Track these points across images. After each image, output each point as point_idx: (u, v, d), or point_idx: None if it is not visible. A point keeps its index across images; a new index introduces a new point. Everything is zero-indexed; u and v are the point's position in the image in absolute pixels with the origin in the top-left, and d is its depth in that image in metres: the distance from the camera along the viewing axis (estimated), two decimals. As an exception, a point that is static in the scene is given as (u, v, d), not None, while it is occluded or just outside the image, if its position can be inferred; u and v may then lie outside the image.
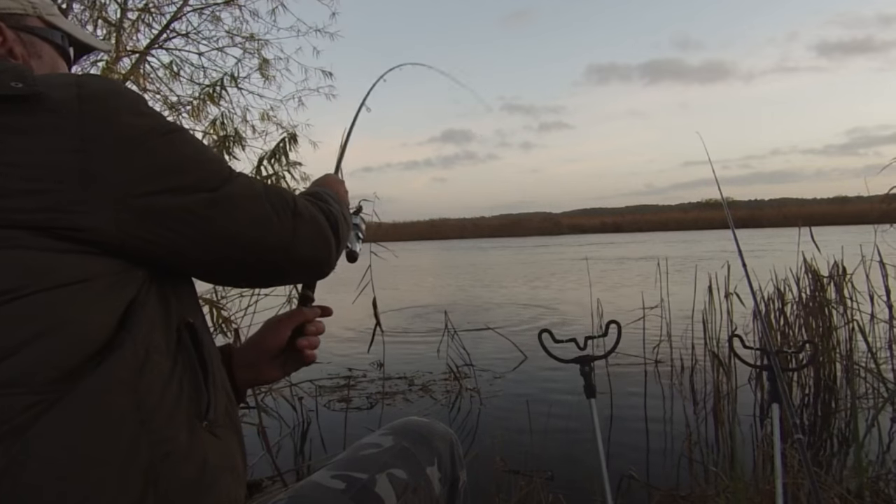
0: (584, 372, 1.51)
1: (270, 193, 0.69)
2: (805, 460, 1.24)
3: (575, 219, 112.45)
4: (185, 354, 0.62)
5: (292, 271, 0.76)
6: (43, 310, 0.52)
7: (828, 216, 40.89)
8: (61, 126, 0.55)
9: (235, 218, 0.64)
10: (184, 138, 0.64)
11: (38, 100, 0.55)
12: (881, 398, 3.05)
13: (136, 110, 0.60)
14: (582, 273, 12.35)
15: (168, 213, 0.60)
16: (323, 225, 0.74)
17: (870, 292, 3.51)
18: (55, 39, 0.78)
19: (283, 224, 0.68)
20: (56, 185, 0.53)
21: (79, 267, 0.55)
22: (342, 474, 0.82)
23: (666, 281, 4.38)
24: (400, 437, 0.92)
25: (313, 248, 0.72)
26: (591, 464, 1.81)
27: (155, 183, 0.59)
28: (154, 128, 0.61)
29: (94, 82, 0.59)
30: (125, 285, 0.58)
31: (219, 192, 0.63)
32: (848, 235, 5.33)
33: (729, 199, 3.05)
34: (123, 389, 0.54)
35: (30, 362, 0.50)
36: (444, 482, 0.92)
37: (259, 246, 0.67)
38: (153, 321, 0.59)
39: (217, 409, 0.63)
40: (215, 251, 0.65)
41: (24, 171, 0.53)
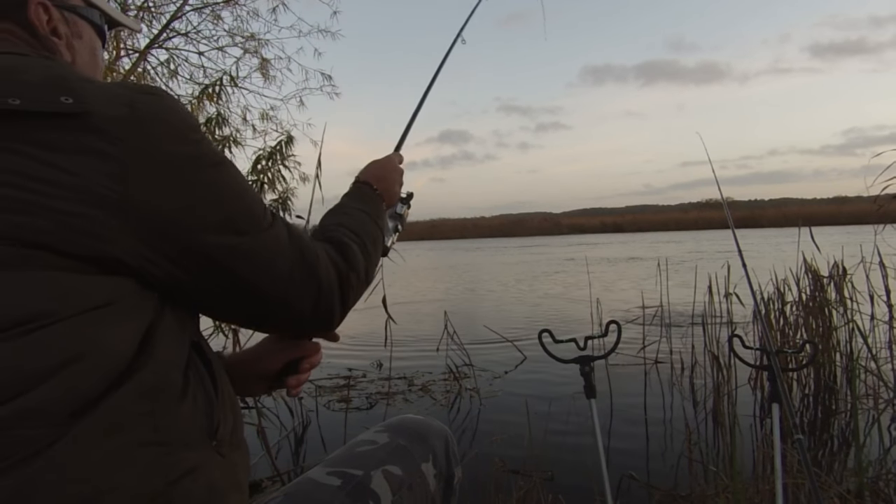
0: (584, 372, 1.51)
1: (294, 249, 0.67)
2: (805, 460, 1.24)
3: (575, 219, 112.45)
4: (197, 373, 0.61)
5: (293, 331, 0.78)
6: (70, 336, 0.50)
7: (827, 216, 40.89)
8: (104, 150, 0.53)
9: (253, 270, 0.63)
10: (225, 174, 0.62)
11: (86, 118, 0.53)
12: (881, 399, 3.04)
13: (183, 138, 0.59)
14: (582, 273, 12.36)
15: (190, 252, 0.58)
16: (333, 294, 0.71)
17: (870, 292, 3.51)
18: (94, 19, 0.77)
19: (299, 288, 0.67)
20: (88, 209, 0.52)
21: (103, 289, 0.53)
22: (337, 471, 0.83)
23: (666, 281, 4.38)
24: (395, 434, 0.92)
25: (321, 316, 0.71)
26: (591, 464, 1.81)
27: (186, 218, 0.57)
28: (198, 158, 0.59)
29: (146, 104, 0.57)
30: (146, 306, 0.57)
31: (245, 238, 0.62)
32: (848, 235, 5.33)
33: (729, 198, 3.05)
34: (142, 415, 0.53)
35: (52, 393, 0.49)
36: (440, 479, 0.92)
37: (267, 303, 0.66)
38: (170, 341, 0.59)
39: (226, 427, 0.62)
40: (224, 295, 0.63)
41: (58, 191, 0.51)
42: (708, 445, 2.76)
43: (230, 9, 4.60)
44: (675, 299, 4.44)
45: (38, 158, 0.51)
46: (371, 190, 0.94)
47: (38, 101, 0.52)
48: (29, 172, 0.51)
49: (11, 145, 0.51)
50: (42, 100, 0.53)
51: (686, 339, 4.18)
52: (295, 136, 3.36)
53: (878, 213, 2.89)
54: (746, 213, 68.46)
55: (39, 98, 0.53)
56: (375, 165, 1.00)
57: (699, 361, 3.88)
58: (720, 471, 2.24)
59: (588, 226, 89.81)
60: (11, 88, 0.52)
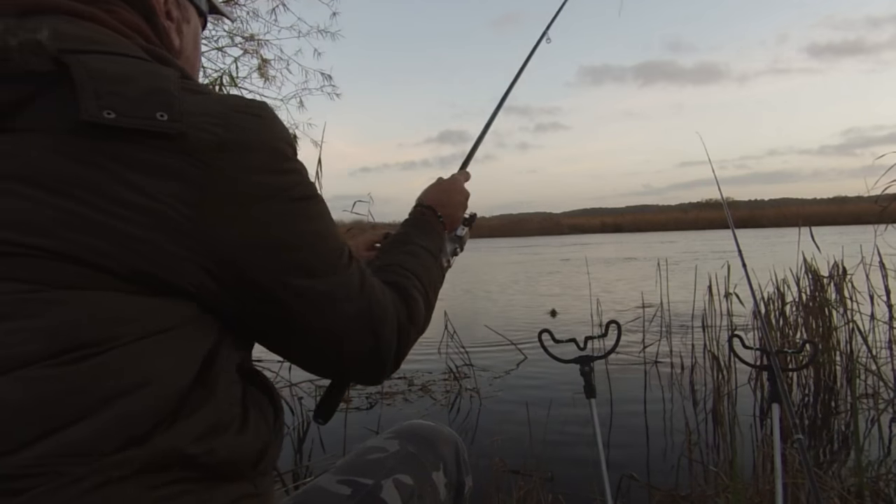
0: (584, 372, 1.51)
1: (364, 301, 0.64)
2: (805, 460, 1.24)
3: (575, 219, 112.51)
4: (255, 402, 0.58)
5: (340, 378, 0.78)
6: (127, 364, 0.48)
7: (827, 216, 40.91)
8: (188, 174, 0.50)
9: (315, 315, 0.60)
10: (309, 210, 0.59)
11: (177, 139, 0.50)
12: (881, 399, 3.04)
13: (272, 166, 0.56)
14: (577, 274, 12.36)
15: (255, 289, 0.56)
16: (389, 354, 0.68)
17: (870, 292, 3.51)
18: (200, 4, 0.76)
19: (356, 340, 0.64)
20: (157, 234, 0.49)
21: (163, 312, 0.51)
22: (347, 479, 0.81)
23: (666, 281, 4.38)
24: (406, 441, 0.91)
25: (371, 371, 0.69)
26: (591, 464, 1.81)
27: (256, 254, 0.54)
28: (283, 190, 0.56)
29: (241, 126, 0.54)
30: (205, 332, 0.54)
31: (316, 281, 0.59)
32: (848, 235, 5.33)
33: (729, 198, 3.05)
34: (197, 454, 0.50)
35: (103, 427, 0.46)
36: (450, 488, 0.91)
37: (320, 348, 0.64)
38: (229, 372, 0.56)
39: (270, 458, 0.60)
40: (278, 332, 0.61)
41: (131, 214, 0.48)
42: (708, 445, 2.76)
43: (230, 9, 4.60)
44: (675, 299, 4.44)
45: (119, 178, 0.48)
46: (435, 217, 0.91)
47: (133, 118, 0.49)
48: (107, 191, 0.48)
49: (99, 160, 0.48)
50: (137, 116, 0.50)
51: (686, 339, 4.18)
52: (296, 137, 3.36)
53: (880, 213, 2.90)
54: (746, 212, 68.53)
55: (135, 114, 0.50)
56: (440, 188, 0.97)
57: (699, 361, 3.88)
58: (720, 471, 2.24)
59: (588, 226, 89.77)
60: (111, 101, 0.49)
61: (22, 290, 0.46)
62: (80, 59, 0.51)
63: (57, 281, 0.47)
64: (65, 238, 0.47)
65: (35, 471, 0.43)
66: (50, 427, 0.44)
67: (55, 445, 0.44)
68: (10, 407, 0.44)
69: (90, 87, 0.49)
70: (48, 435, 0.44)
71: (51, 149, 0.48)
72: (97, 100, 0.49)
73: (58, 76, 0.50)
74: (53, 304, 0.46)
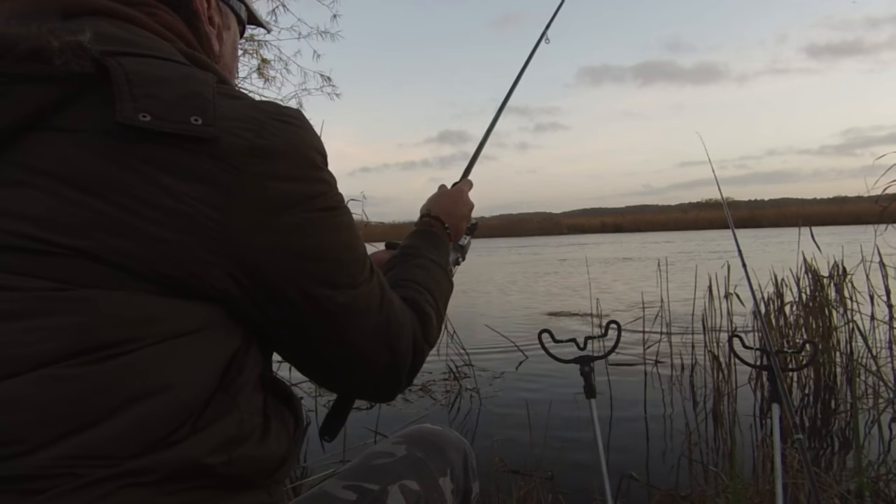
0: (584, 372, 1.51)
1: (383, 316, 0.64)
2: (805, 460, 1.24)
3: (575, 219, 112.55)
4: (277, 412, 0.58)
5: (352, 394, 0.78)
6: (148, 368, 0.48)
7: (827, 216, 40.93)
8: (218, 179, 0.51)
9: (330, 331, 0.60)
10: (336, 220, 0.59)
11: (210, 143, 0.51)
12: (881, 398, 3.04)
13: (302, 175, 0.56)
14: (574, 275, 12.36)
15: (279, 297, 0.56)
16: (403, 373, 0.69)
17: (870, 292, 3.51)
18: (240, 12, 0.77)
19: (372, 357, 0.65)
20: (184, 237, 0.49)
21: (187, 316, 0.51)
22: (353, 485, 0.80)
23: (666, 281, 4.38)
24: (413, 446, 0.90)
25: (385, 389, 0.70)
26: (591, 464, 1.81)
27: (279, 262, 0.54)
28: (311, 199, 0.56)
29: (275, 133, 0.54)
30: (228, 337, 0.54)
31: (337, 293, 0.59)
32: (848, 235, 5.33)
33: (729, 198, 3.05)
34: (216, 464, 0.50)
35: (123, 430, 0.46)
36: (457, 494, 0.90)
37: (335, 361, 0.64)
38: (252, 379, 0.55)
39: (286, 468, 0.59)
40: (295, 341, 0.61)
41: (160, 217, 0.48)
42: (708, 445, 2.76)
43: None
44: (675, 300, 4.44)
45: (151, 179, 0.49)
46: (442, 228, 0.92)
47: (167, 121, 0.49)
48: (138, 193, 0.48)
49: (132, 162, 0.49)
50: (171, 119, 0.50)
51: (686, 340, 4.17)
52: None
53: (881, 213, 2.90)
54: (746, 213, 68.55)
55: (169, 117, 0.50)
56: (446, 198, 0.97)
57: (699, 361, 3.88)
58: (720, 471, 2.24)
59: (588, 226, 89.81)
60: (147, 104, 0.50)
61: (47, 287, 0.47)
62: (119, 61, 0.51)
63: (84, 280, 0.47)
64: (94, 238, 0.47)
65: (51, 472, 0.43)
66: (68, 428, 0.44)
67: (73, 447, 0.44)
68: (27, 407, 0.44)
69: (127, 90, 0.50)
70: (66, 436, 0.44)
71: (86, 149, 0.49)
72: (133, 102, 0.49)
73: (97, 78, 0.50)
74: (78, 304, 0.47)
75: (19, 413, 0.44)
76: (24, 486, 0.43)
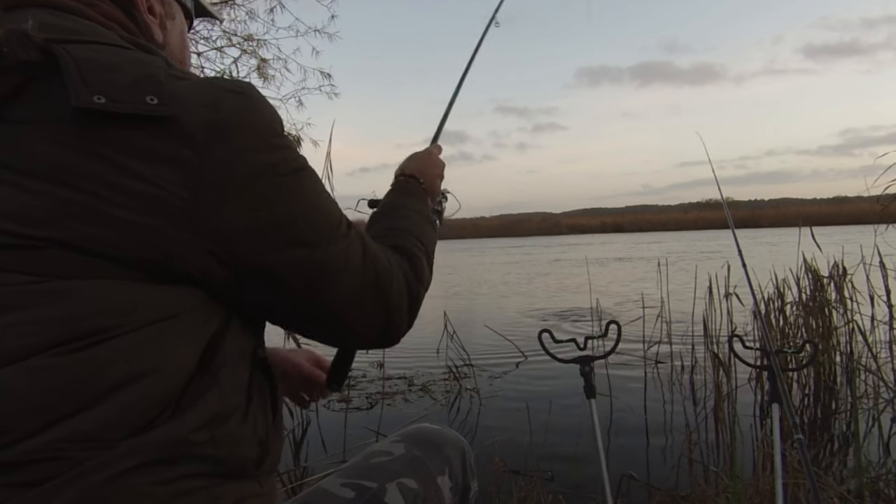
0: (584, 372, 1.51)
1: (368, 267, 0.64)
2: (805, 460, 1.24)
3: (575, 219, 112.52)
4: (259, 394, 0.58)
5: (356, 346, 0.79)
6: (130, 354, 0.48)
7: (827, 216, 40.93)
8: (182, 157, 0.51)
9: (318, 290, 0.60)
10: (302, 182, 0.60)
11: (169, 122, 0.51)
12: (881, 398, 3.04)
13: (262, 144, 0.56)
14: (582, 273, 12.36)
15: (258, 266, 0.56)
16: (402, 316, 0.70)
17: (870, 292, 3.51)
18: (186, 2, 0.77)
19: (367, 309, 0.65)
20: (156, 219, 0.50)
21: (165, 300, 0.51)
22: (352, 482, 0.81)
23: (666, 281, 4.38)
24: (411, 444, 0.90)
25: (388, 336, 0.70)
26: (591, 464, 1.81)
27: (256, 232, 0.55)
28: (275, 166, 0.57)
29: (230, 107, 0.55)
30: (208, 318, 0.55)
31: (317, 252, 0.59)
32: (848, 235, 5.33)
33: (728, 199, 3.04)
34: (200, 443, 0.51)
35: (108, 415, 0.46)
36: (455, 491, 0.90)
37: (332, 319, 0.64)
38: (234, 359, 0.56)
39: (274, 455, 0.60)
40: (288, 308, 0.61)
41: (129, 200, 0.49)
42: (708, 445, 2.76)
43: (228, 9, 4.59)
44: (675, 300, 4.44)
45: (116, 164, 0.49)
46: (418, 185, 0.92)
47: (123, 102, 0.50)
48: (104, 178, 0.48)
49: (88, 146, 0.49)
50: (126, 100, 0.50)
51: (686, 339, 4.17)
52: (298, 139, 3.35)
53: (881, 213, 2.89)
54: (746, 213, 68.54)
55: (124, 98, 0.50)
56: (418, 158, 0.98)
57: (699, 361, 3.88)
58: (720, 471, 2.24)
59: (588, 226, 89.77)
60: (100, 87, 0.50)
61: (26, 281, 0.47)
62: (66, 48, 0.52)
63: (60, 271, 0.47)
64: (67, 228, 0.48)
65: (45, 455, 0.44)
66: (59, 415, 0.45)
67: (65, 432, 0.45)
68: (17, 396, 0.45)
69: (78, 76, 0.50)
70: (57, 422, 0.45)
71: (47, 139, 0.49)
72: (86, 86, 0.49)
73: (47, 67, 0.51)
74: (59, 295, 0.47)
75: (10, 403, 0.45)
76: (16, 474, 0.44)
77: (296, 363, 0.95)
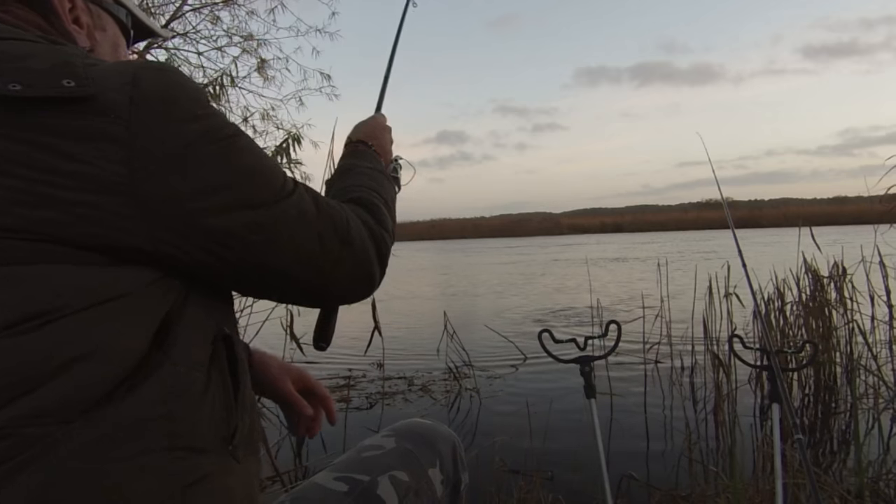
0: (584, 372, 1.51)
1: (323, 218, 0.64)
2: (805, 460, 1.24)
3: (575, 219, 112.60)
4: (219, 371, 0.58)
5: (334, 302, 0.76)
6: (78, 332, 0.48)
7: (828, 216, 40.93)
8: (109, 133, 0.51)
9: (276, 248, 0.60)
10: (238, 146, 0.59)
11: (90, 101, 0.51)
12: (881, 398, 3.04)
13: (190, 114, 0.56)
14: (582, 274, 12.36)
15: (209, 233, 0.55)
16: (371, 259, 0.69)
17: (870, 293, 3.51)
18: (120, 16, 0.76)
19: (332, 259, 0.64)
20: (95, 196, 0.50)
21: (114, 281, 0.51)
22: (344, 476, 0.82)
23: (666, 281, 4.38)
24: (402, 438, 0.92)
25: (361, 284, 0.69)
26: (591, 464, 1.81)
27: (199, 199, 0.54)
28: (207, 133, 0.56)
29: (150, 81, 0.55)
30: (161, 296, 0.54)
31: (265, 213, 0.59)
32: (848, 235, 5.33)
33: (728, 199, 3.04)
34: (159, 418, 0.51)
35: (62, 391, 0.47)
36: (447, 484, 0.92)
37: (298, 278, 0.63)
38: (190, 335, 0.55)
39: (242, 431, 0.59)
40: (252, 274, 0.60)
41: (65, 181, 0.49)
42: (708, 445, 2.76)
43: (228, 9, 4.60)
44: (675, 300, 4.44)
45: (43, 147, 0.49)
46: (368, 148, 0.91)
47: (39, 86, 0.50)
48: (34, 162, 0.49)
49: (15, 133, 0.49)
50: (43, 84, 0.50)
51: (686, 339, 4.17)
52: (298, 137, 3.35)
53: (884, 213, 2.89)
54: (746, 212, 68.53)
55: (40, 83, 0.51)
56: (364, 125, 0.96)
57: (699, 361, 3.88)
58: (720, 471, 2.24)
59: (589, 226, 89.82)
60: (15, 75, 0.50)
61: None
62: None
63: (11, 258, 0.48)
64: (13, 214, 0.48)
65: (4, 433, 0.45)
66: (14, 393, 0.46)
67: (21, 409, 0.45)
68: None
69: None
70: (11, 401, 0.45)
71: None
72: (0, 76, 0.50)
73: None
74: (10, 280, 0.48)
75: None
76: None
77: (275, 378, 0.90)
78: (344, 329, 0.80)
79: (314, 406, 0.93)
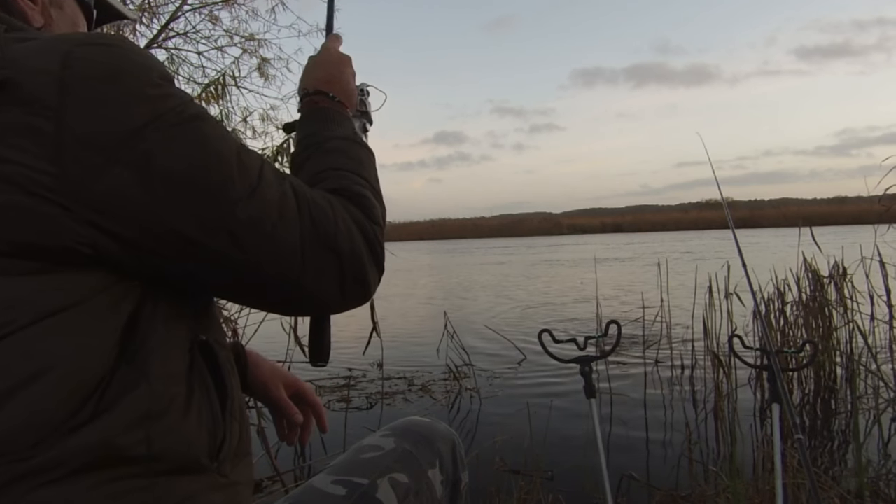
0: (584, 372, 1.51)
1: (305, 215, 0.55)
2: (805, 460, 1.24)
3: (575, 219, 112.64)
4: (201, 381, 0.53)
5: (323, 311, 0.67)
6: (27, 349, 0.43)
7: (827, 216, 40.96)
8: (34, 126, 0.44)
9: (256, 248, 0.52)
10: (202, 130, 0.51)
11: (11, 88, 0.44)
12: (882, 398, 3.04)
13: (138, 95, 0.48)
14: (582, 274, 12.36)
15: (159, 236, 0.48)
16: (364, 264, 0.59)
17: (870, 292, 3.51)
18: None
19: (314, 263, 0.55)
20: (22, 198, 0.44)
21: (62, 288, 0.45)
22: (342, 479, 0.80)
23: (666, 281, 4.38)
24: (401, 438, 0.90)
25: (354, 289, 0.60)
26: (591, 464, 1.81)
27: (154, 194, 0.47)
28: (159, 117, 0.48)
29: (86, 60, 0.47)
30: (121, 302, 0.48)
31: (237, 207, 0.50)
32: (848, 235, 5.33)
33: (728, 199, 3.04)
34: (134, 443, 0.46)
35: (11, 421, 0.42)
36: (446, 484, 0.90)
37: (277, 285, 0.55)
38: (161, 346, 0.49)
39: (230, 443, 0.55)
40: (222, 279, 0.53)
41: None
42: (708, 445, 2.76)
43: (229, 8, 4.59)
44: (675, 300, 4.44)
45: None
46: (330, 101, 0.76)
47: None
48: None
49: None
50: None
51: (686, 340, 4.17)
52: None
53: (884, 213, 2.90)
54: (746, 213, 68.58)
55: None
56: (318, 65, 0.79)
57: (699, 361, 3.88)
58: (720, 471, 2.24)
59: (588, 226, 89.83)
60: None
61: None
62: None
63: None
64: None
65: None
66: None
67: None
68: None
69: None
70: None
71: None
72: None
73: None
74: None
75: None
76: None
77: (266, 382, 0.86)
78: (343, 329, 0.78)
79: (305, 413, 0.90)
